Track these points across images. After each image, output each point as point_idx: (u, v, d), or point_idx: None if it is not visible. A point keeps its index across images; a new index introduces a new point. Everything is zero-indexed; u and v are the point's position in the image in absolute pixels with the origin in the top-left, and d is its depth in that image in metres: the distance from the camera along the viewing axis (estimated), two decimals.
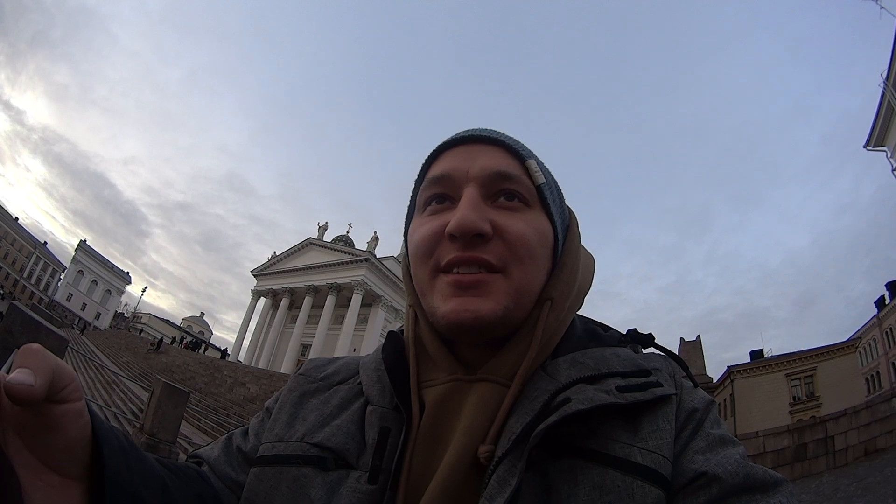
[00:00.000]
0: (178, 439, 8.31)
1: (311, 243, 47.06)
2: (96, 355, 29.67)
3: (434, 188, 0.60)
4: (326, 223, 48.51)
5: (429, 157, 0.65)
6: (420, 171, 0.65)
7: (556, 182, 0.65)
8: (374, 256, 40.56)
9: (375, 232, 42.38)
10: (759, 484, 0.46)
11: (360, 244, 45.95)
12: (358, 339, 39.51)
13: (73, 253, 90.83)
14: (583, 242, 0.67)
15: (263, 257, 52.42)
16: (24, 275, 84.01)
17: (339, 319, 40.42)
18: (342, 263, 41.62)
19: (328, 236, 48.95)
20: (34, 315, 3.97)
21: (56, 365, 0.35)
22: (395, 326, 0.74)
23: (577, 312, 0.66)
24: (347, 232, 52.17)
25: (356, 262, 40.53)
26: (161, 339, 43.14)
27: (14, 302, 4.30)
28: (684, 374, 0.61)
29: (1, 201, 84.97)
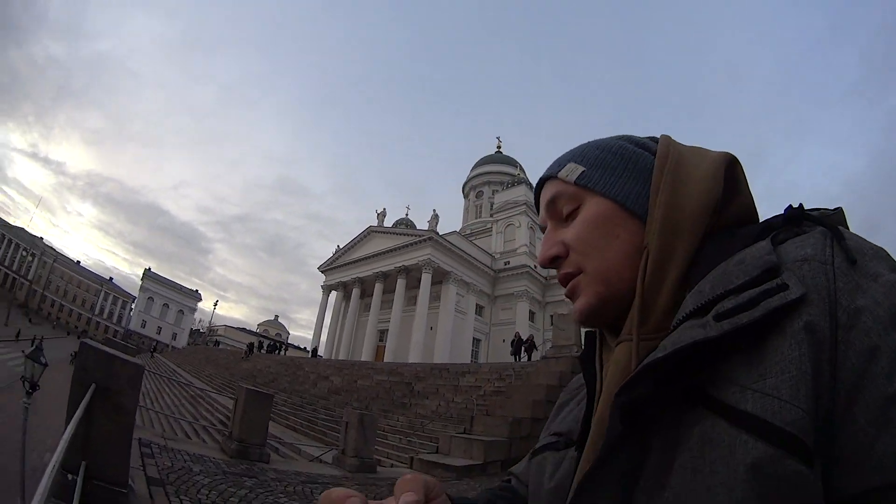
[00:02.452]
0: (268, 440, 8.50)
1: (372, 231, 47.17)
2: (177, 373, 30.79)
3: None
4: (384, 209, 48.48)
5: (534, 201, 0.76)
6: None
7: (607, 149, 0.67)
8: (437, 234, 40.21)
9: (434, 210, 41.89)
10: None
11: (421, 224, 45.80)
12: (433, 316, 39.41)
13: (140, 282, 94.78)
14: None
15: (328, 252, 52.94)
16: (96, 312, 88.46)
17: (411, 301, 40.43)
18: (406, 246, 41.55)
19: (388, 221, 49.05)
20: (106, 348, 4.19)
21: (425, 480, 0.50)
22: (467, 299, 0.78)
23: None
24: (406, 214, 52.39)
25: (420, 242, 40.34)
26: (252, 344, 44.25)
27: (85, 340, 4.41)
28: (843, 252, 0.44)
29: (60, 250, 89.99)
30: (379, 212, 48.28)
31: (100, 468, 3.82)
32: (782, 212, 0.54)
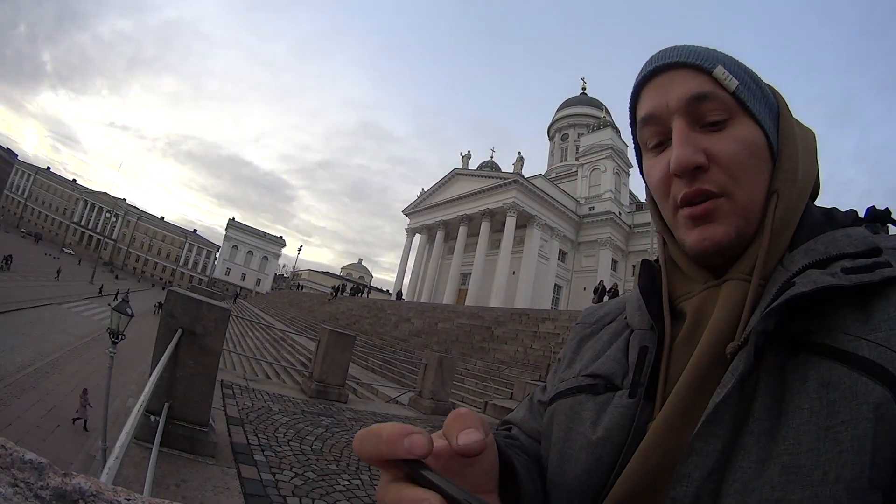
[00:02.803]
0: (346, 381, 8.68)
1: (457, 174, 47.03)
2: (261, 317, 32.47)
3: (648, 129, 0.64)
4: (469, 152, 48.07)
5: (631, 96, 0.68)
6: (629, 111, 0.68)
7: (750, 73, 0.63)
8: (523, 177, 39.46)
9: (519, 152, 41.03)
10: None
11: (506, 167, 45.17)
12: (516, 261, 39.33)
13: (225, 231, 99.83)
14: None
15: (412, 196, 53.85)
16: (181, 263, 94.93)
17: (495, 244, 40.41)
18: (491, 189, 41.17)
19: (472, 164, 48.64)
20: (192, 294, 4.36)
21: (479, 417, 0.43)
22: (550, 244, 0.73)
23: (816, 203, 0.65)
24: (491, 157, 51.46)
25: (505, 184, 39.81)
26: (336, 287, 46.04)
27: (171, 288, 4.62)
28: None
29: (143, 208, 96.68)
30: (464, 154, 48.04)
31: (182, 409, 4.07)
32: (867, 209, 0.61)
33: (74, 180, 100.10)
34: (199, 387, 4.17)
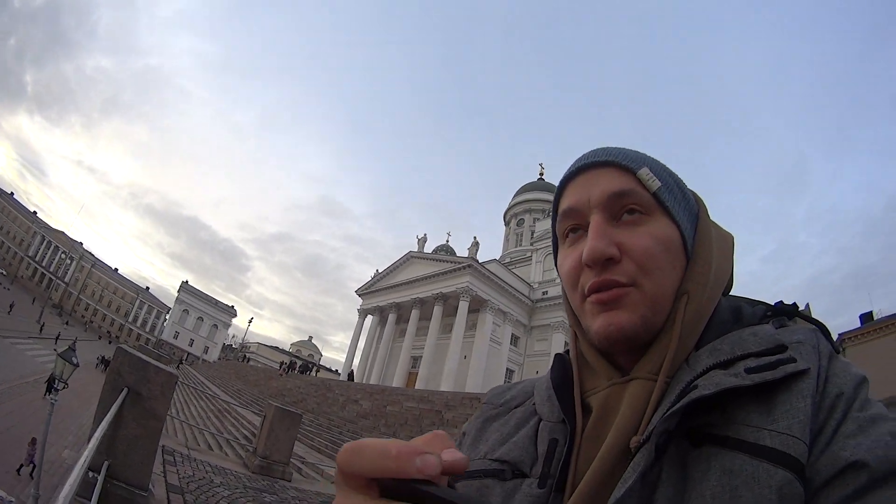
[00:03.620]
0: (291, 459, 8.62)
1: (412, 256, 47.38)
2: (207, 386, 31.35)
3: (567, 221, 0.67)
4: (425, 235, 48.77)
5: (557, 190, 0.71)
6: (553, 205, 0.72)
7: (673, 177, 0.68)
8: (477, 262, 39.97)
9: (475, 237, 42.12)
10: None
11: (461, 251, 45.86)
12: (468, 345, 39.03)
13: (176, 294, 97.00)
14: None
15: (366, 276, 53.83)
16: (130, 319, 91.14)
17: (447, 328, 40.18)
18: (445, 273, 41.49)
19: (428, 247, 49.14)
20: (141, 355, 4.35)
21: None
22: (503, 329, 0.75)
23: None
24: (447, 241, 52.42)
25: (459, 269, 40.26)
26: (291, 363, 44.78)
27: (121, 345, 4.62)
28: (828, 343, 0.59)
29: (99, 256, 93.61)
30: (420, 237, 48.57)
31: (122, 470, 3.92)
32: (774, 303, 0.66)
33: (35, 212, 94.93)
34: (142, 449, 4.09)
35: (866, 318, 29.71)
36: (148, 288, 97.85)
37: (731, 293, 0.69)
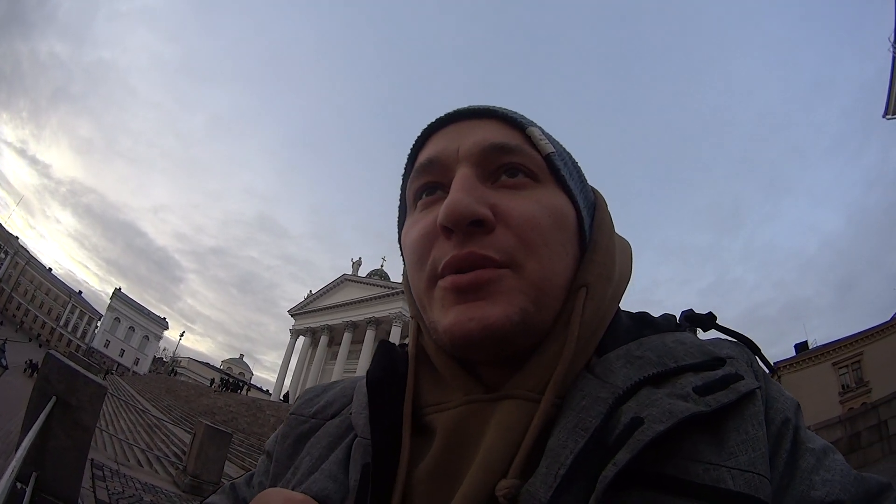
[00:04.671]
0: (222, 479, 8.27)
1: (346, 279, 47.40)
2: (137, 399, 30.27)
3: (423, 177, 0.51)
4: (360, 258, 48.98)
5: (415, 143, 0.55)
6: (407, 162, 0.55)
7: (571, 156, 0.55)
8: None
9: None
10: (875, 492, 0.40)
11: (396, 276, 46.25)
12: None
13: (109, 301, 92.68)
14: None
15: (300, 296, 53.09)
16: (61, 323, 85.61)
17: None
18: (378, 297, 41.81)
19: (363, 271, 49.39)
20: (71, 363, 4.11)
21: (289, 496, 0.40)
22: None
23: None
24: (382, 265, 52.69)
25: (393, 294, 40.73)
26: (223, 379, 43.58)
27: (51, 351, 4.33)
28: (761, 362, 0.49)
29: (34, 253, 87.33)
30: (354, 260, 48.80)
31: (51, 483, 3.78)
32: (682, 312, 0.56)
33: None
34: (70, 462, 3.89)
35: (801, 347, 31.76)
36: (81, 292, 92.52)
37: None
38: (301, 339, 49.86)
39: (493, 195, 0.45)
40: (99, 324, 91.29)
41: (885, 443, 9.55)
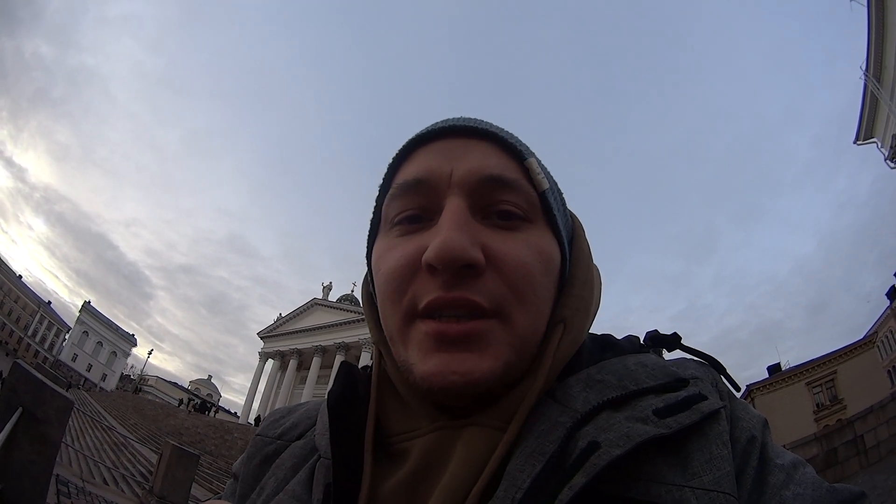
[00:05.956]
0: (189, 502, 8.17)
1: (316, 304, 47.42)
2: (103, 416, 29.85)
3: (406, 198, 0.47)
4: (331, 283, 49.02)
5: (398, 154, 0.50)
6: (386, 174, 0.51)
7: (556, 183, 0.53)
8: None
9: None
10: (848, 502, 0.39)
11: None
12: None
13: (78, 313, 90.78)
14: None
15: (269, 319, 52.98)
16: (29, 333, 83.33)
17: None
18: (348, 322, 41.91)
19: (333, 295, 49.46)
20: (38, 375, 4.01)
21: None
22: None
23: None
24: (352, 291, 52.60)
25: (362, 320, 40.78)
26: (191, 400, 43.08)
27: (18, 360, 4.26)
28: (726, 381, 0.49)
29: (4, 258, 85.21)
30: (325, 285, 48.86)
31: (16, 496, 3.67)
32: (647, 333, 0.56)
33: None
34: (36, 476, 3.79)
35: (774, 369, 32.77)
36: (50, 302, 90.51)
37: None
38: (270, 363, 49.62)
39: (485, 234, 0.43)
40: (67, 336, 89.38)
41: (862, 457, 9.82)
